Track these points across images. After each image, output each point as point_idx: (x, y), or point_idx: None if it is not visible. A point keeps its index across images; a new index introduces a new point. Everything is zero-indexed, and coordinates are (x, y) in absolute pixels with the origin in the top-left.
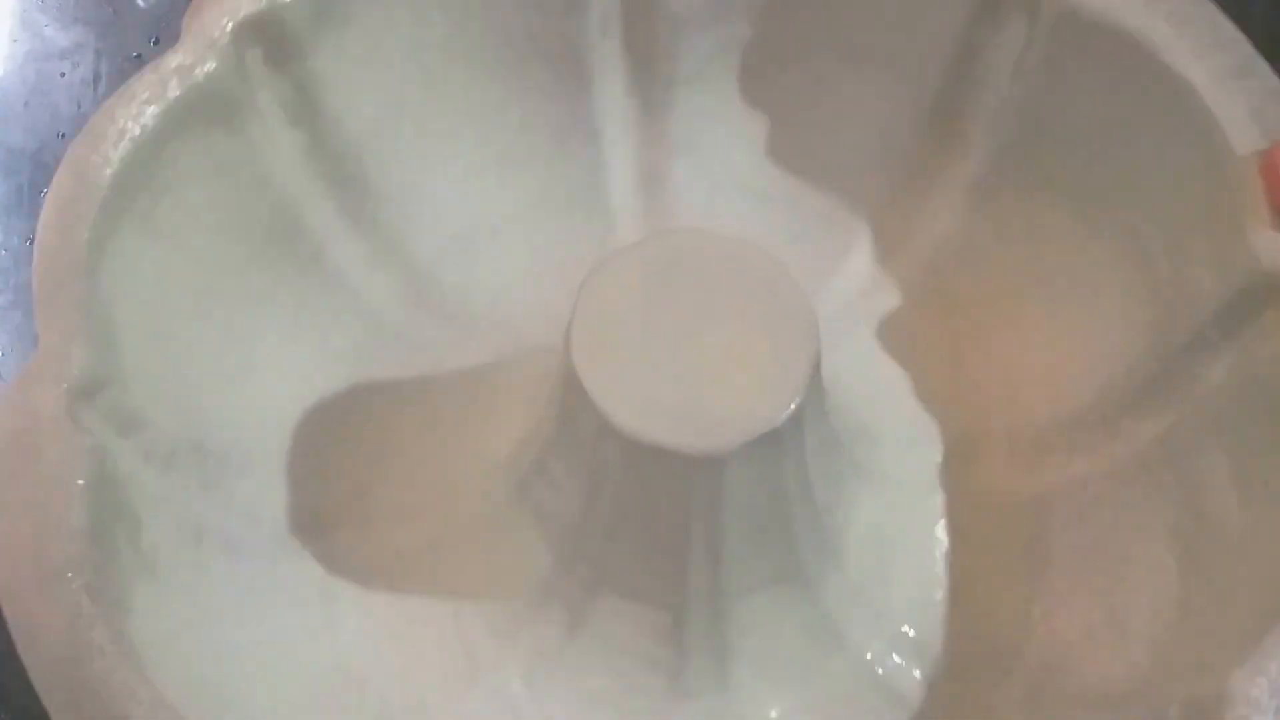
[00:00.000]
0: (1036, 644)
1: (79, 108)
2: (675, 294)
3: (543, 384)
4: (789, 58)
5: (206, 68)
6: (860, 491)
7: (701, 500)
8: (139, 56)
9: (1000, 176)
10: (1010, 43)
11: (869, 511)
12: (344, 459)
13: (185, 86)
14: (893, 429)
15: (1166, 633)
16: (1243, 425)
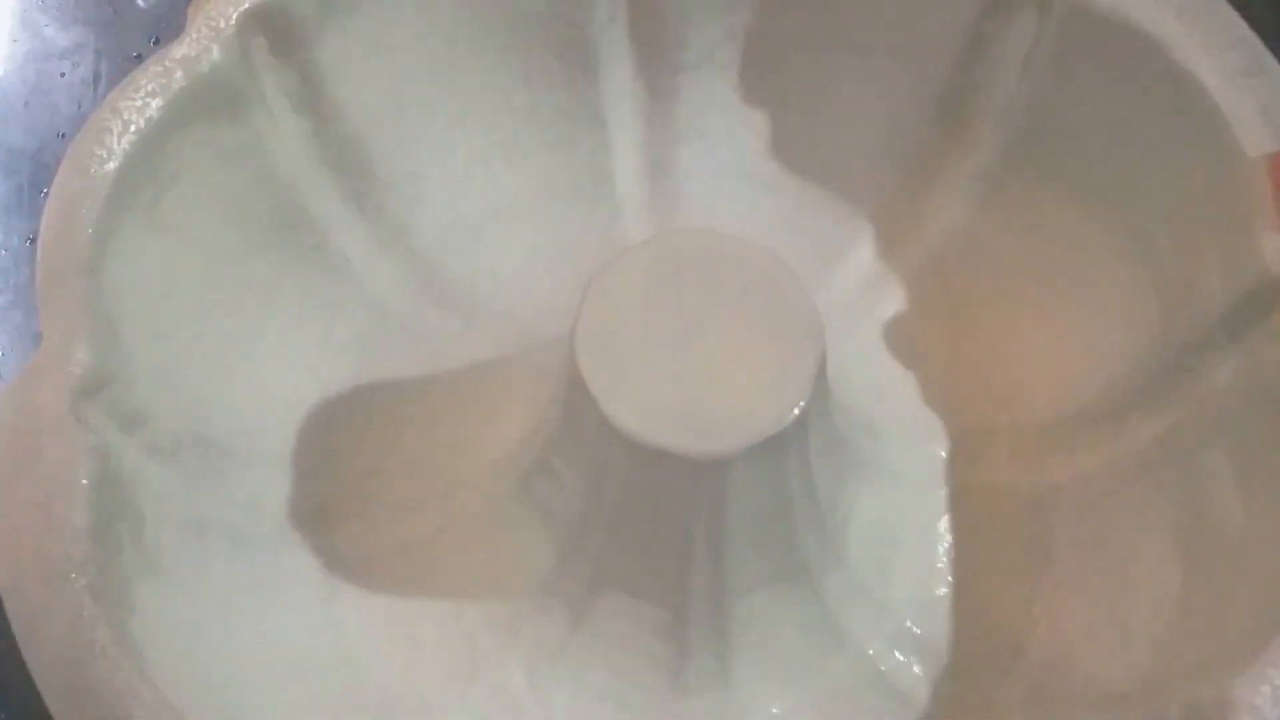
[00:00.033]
0: (1038, 641)
1: (79, 108)
2: (681, 295)
3: (546, 379)
4: (797, 47)
5: (211, 59)
6: (863, 488)
7: (704, 502)
8: (139, 56)
9: (1007, 170)
10: (1020, 37)
11: (872, 508)
12: (348, 451)
13: (190, 78)
14: (896, 424)
15: (1167, 632)
16: (1247, 428)
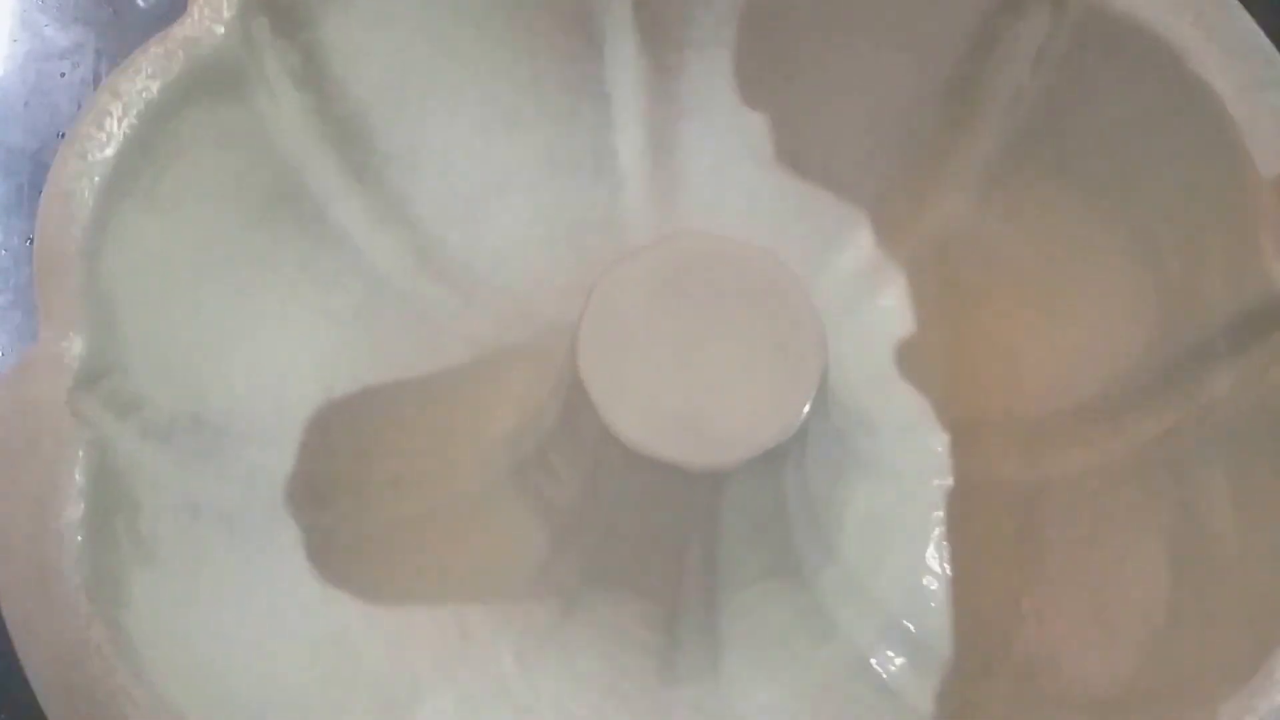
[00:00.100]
0: (1025, 638)
1: (79, 108)
2: (685, 301)
3: (545, 366)
4: (805, 28)
5: (212, 39)
6: (858, 484)
7: (700, 509)
8: None
9: (1013, 163)
10: (1032, 32)
11: (866, 503)
12: (343, 427)
13: (191, 59)
14: (892, 415)
15: (1153, 639)
16: (1244, 445)
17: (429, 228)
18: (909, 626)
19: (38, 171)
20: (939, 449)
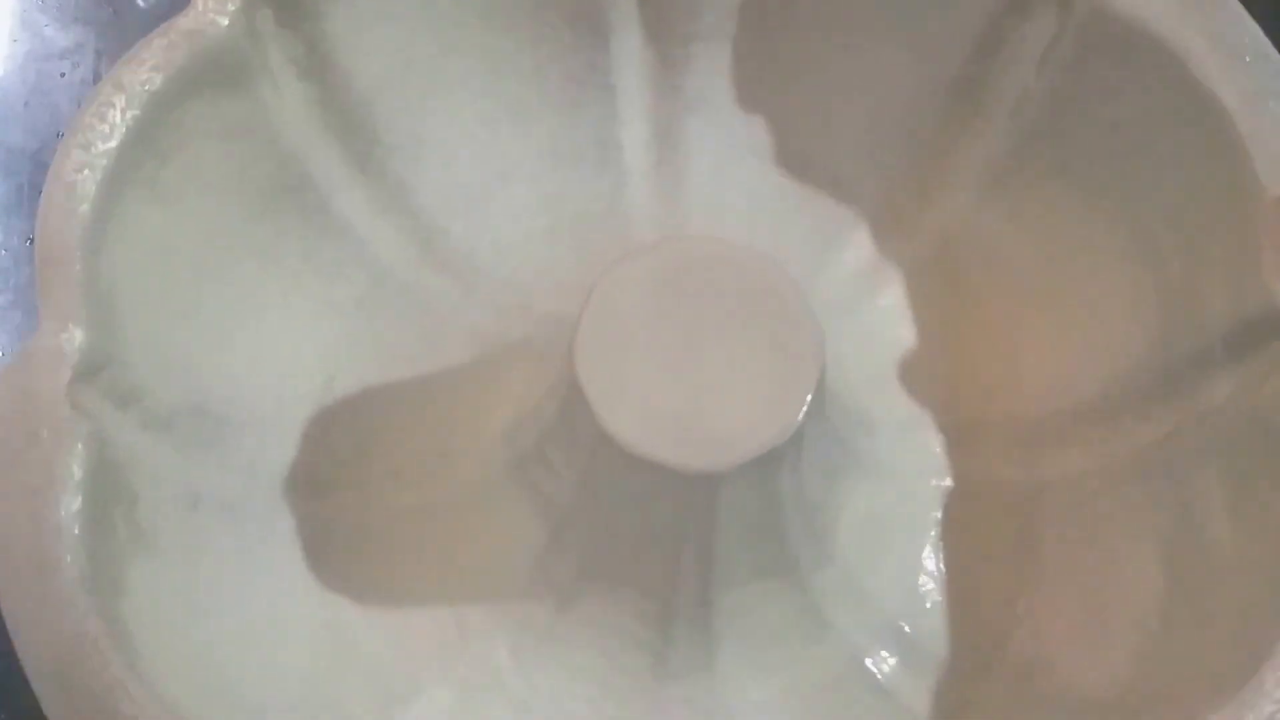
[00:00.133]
0: (1020, 639)
1: (79, 108)
2: (683, 304)
3: (546, 357)
4: (812, 23)
5: (216, 31)
6: (855, 484)
7: (696, 510)
8: None
9: (1016, 163)
10: (1039, 34)
11: (863, 502)
12: (344, 418)
13: (194, 51)
14: (891, 414)
15: (1147, 643)
16: (1241, 454)
17: (432, 219)
18: (904, 627)
19: (38, 171)
20: (937, 449)
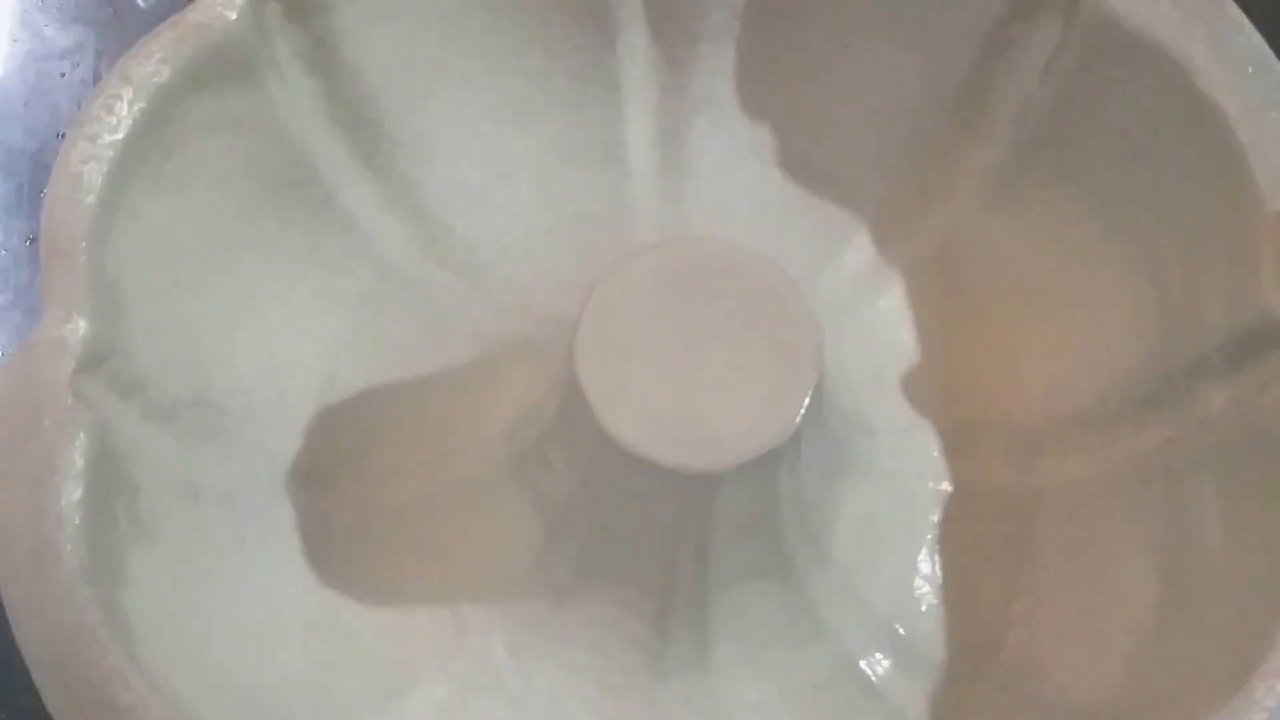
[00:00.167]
0: (1014, 643)
1: (79, 108)
2: (683, 305)
3: (546, 355)
4: (819, 25)
5: (224, 24)
6: (853, 485)
7: (693, 509)
8: None
9: (1019, 169)
10: (1043, 42)
11: (860, 505)
12: (346, 413)
13: (201, 43)
14: (890, 416)
15: (1140, 651)
16: (1236, 463)
17: (437, 214)
18: (899, 629)
19: (38, 171)
20: (935, 452)
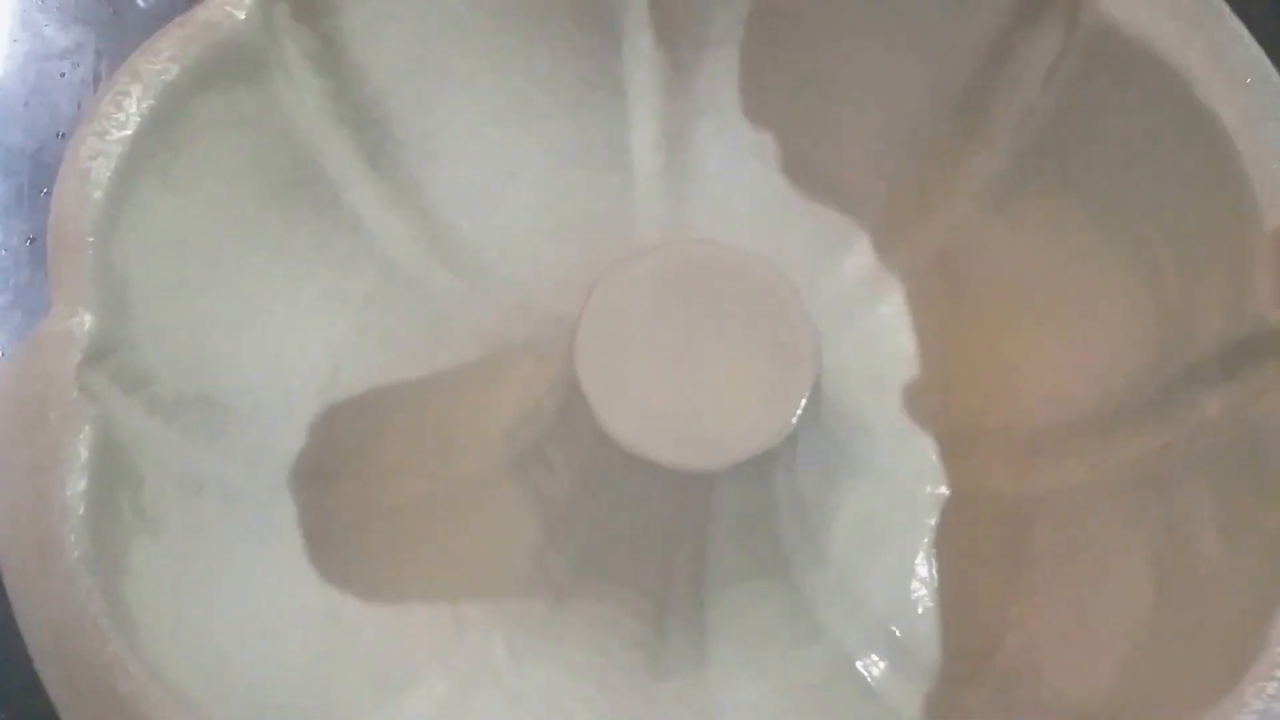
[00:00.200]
0: (1010, 646)
1: (79, 108)
2: (682, 307)
3: (547, 355)
4: (823, 31)
5: (232, 23)
6: (851, 488)
7: (690, 508)
8: None
9: (1021, 176)
10: (1045, 50)
11: (857, 506)
12: (349, 411)
13: (210, 42)
14: (889, 420)
15: (1134, 653)
16: (1231, 469)
17: (441, 214)
18: (895, 631)
19: (38, 171)
20: (933, 456)
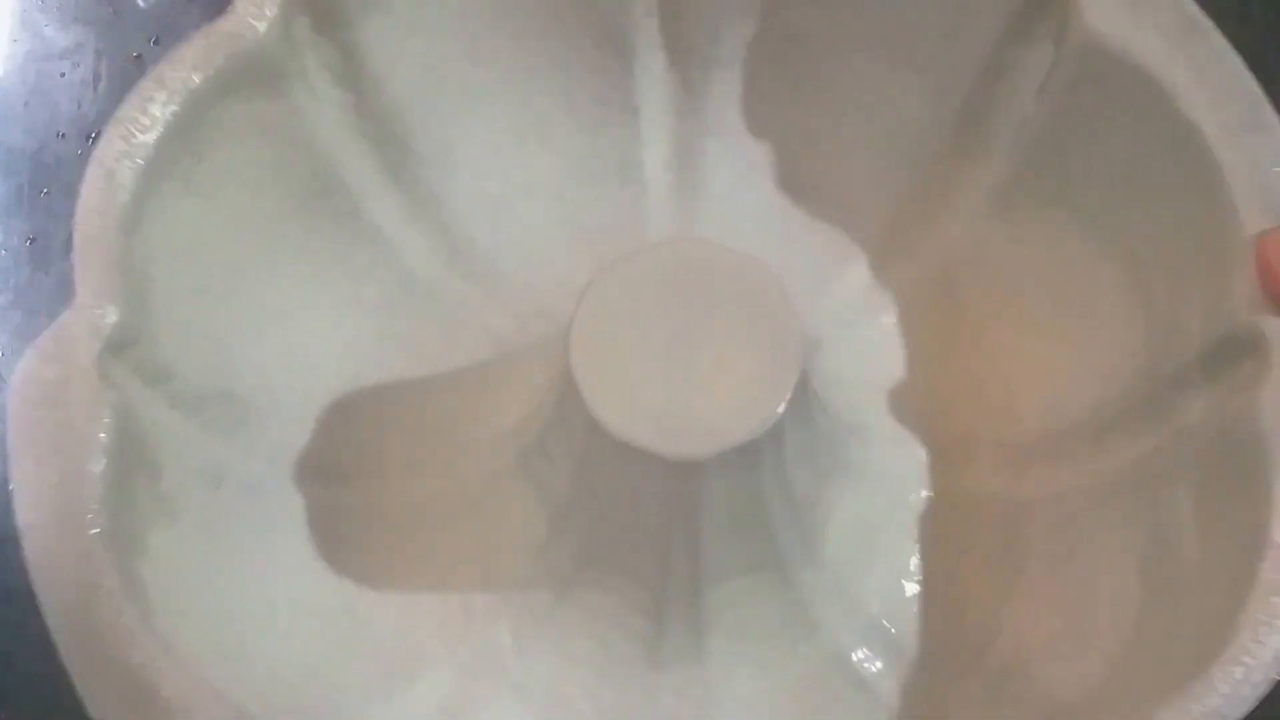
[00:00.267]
0: (1001, 645)
1: (79, 108)
2: (673, 302)
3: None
4: (828, 52)
5: (254, 35)
6: (847, 489)
7: (681, 497)
8: (139, 56)
9: (1019, 187)
10: (1037, 65)
11: (852, 508)
12: (366, 411)
13: (232, 52)
14: (886, 427)
15: (1121, 651)
16: (1210, 469)
17: (459, 226)
18: (889, 628)
19: (38, 171)
20: (929, 461)
